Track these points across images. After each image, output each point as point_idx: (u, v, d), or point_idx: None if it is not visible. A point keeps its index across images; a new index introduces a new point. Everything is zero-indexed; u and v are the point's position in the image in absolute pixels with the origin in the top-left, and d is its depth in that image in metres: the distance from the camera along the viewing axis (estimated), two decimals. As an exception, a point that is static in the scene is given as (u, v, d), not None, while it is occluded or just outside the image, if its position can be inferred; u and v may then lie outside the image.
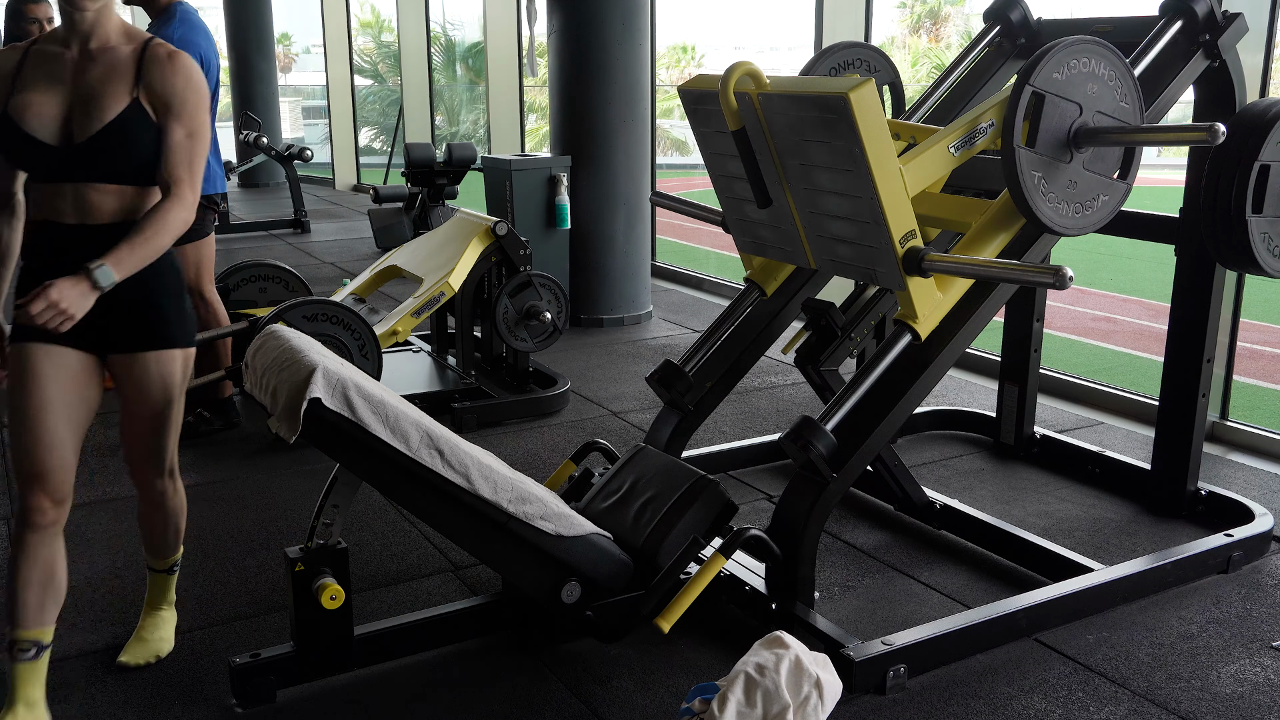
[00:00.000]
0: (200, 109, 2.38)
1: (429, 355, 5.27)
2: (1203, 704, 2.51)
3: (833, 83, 2.59)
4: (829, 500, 2.74)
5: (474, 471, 2.44)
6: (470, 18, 20.48)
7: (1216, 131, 2.55)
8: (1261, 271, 3.12)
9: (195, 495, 3.76)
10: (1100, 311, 8.41)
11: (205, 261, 4.26)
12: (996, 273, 2.65)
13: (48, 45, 2.36)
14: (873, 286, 3.47)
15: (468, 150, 7.47)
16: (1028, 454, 4.06)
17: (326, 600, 2.42)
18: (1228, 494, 3.49)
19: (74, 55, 2.33)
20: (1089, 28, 3.31)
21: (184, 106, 2.34)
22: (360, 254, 8.63)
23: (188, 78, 2.36)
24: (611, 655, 2.71)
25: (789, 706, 2.24)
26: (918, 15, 25.01)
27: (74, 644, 2.79)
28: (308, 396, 2.26)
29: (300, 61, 26.10)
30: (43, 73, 2.31)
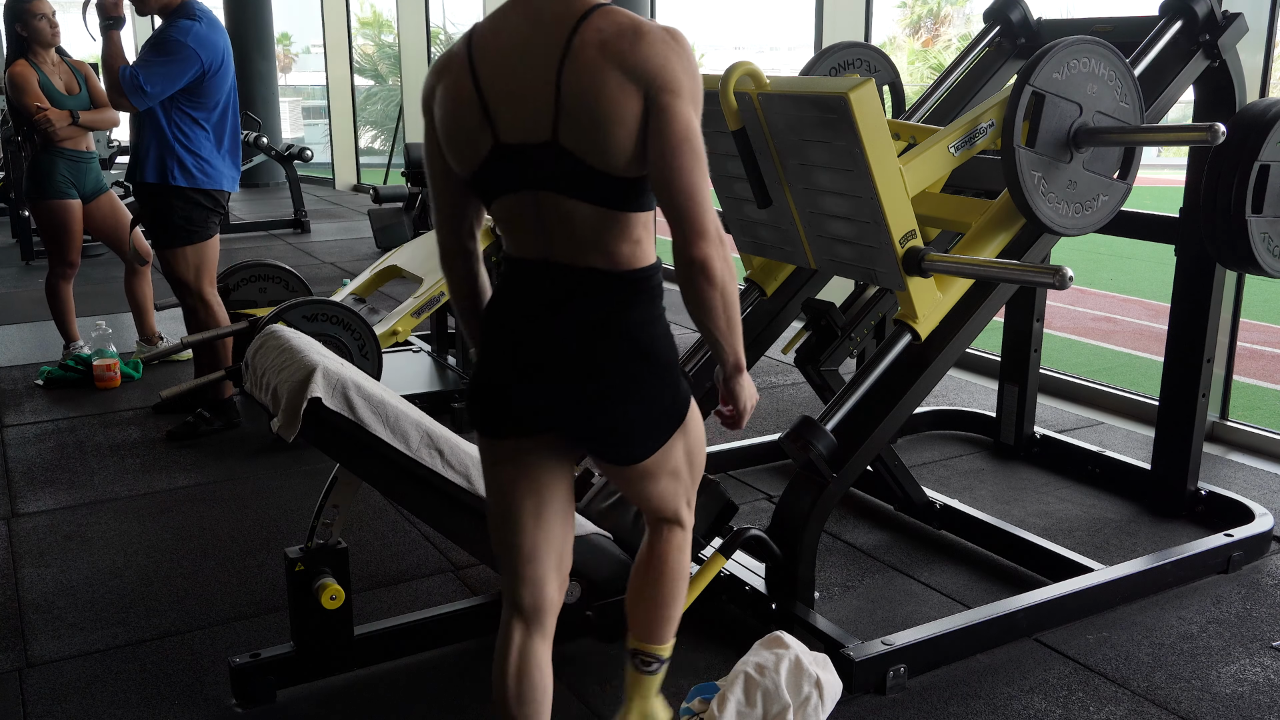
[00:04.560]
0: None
1: (429, 355, 5.27)
2: (1203, 704, 2.51)
3: (833, 83, 2.59)
4: (829, 500, 2.73)
5: (474, 471, 2.44)
6: (470, 18, 20.49)
7: (1216, 131, 2.55)
8: (1261, 271, 3.12)
9: (195, 495, 3.77)
10: (1100, 311, 8.41)
11: (206, 263, 4.26)
12: (996, 273, 2.65)
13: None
14: (873, 286, 3.47)
15: (468, 150, 7.46)
16: (1028, 454, 4.06)
17: (326, 600, 2.42)
18: (1228, 494, 3.49)
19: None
20: (1089, 28, 3.31)
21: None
22: (360, 254, 8.63)
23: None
24: (611, 655, 2.70)
25: (789, 706, 2.24)
26: (918, 15, 25.01)
27: (74, 644, 2.80)
28: (308, 396, 2.26)
29: (300, 61, 26.10)
30: None
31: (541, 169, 1.72)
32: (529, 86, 1.69)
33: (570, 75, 1.65)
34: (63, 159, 4.99)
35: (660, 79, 1.65)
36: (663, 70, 1.65)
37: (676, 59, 1.66)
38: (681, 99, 1.66)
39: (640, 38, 1.65)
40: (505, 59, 1.71)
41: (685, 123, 1.66)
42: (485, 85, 1.72)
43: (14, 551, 3.34)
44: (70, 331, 5.28)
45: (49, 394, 4.96)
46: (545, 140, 1.70)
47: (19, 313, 6.59)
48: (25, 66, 4.89)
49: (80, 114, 4.99)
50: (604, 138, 1.66)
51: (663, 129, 1.66)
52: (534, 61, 1.69)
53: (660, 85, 1.65)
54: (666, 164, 1.67)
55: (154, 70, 3.94)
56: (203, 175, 4.13)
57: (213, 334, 4.29)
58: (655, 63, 1.65)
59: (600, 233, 1.74)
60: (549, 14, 1.70)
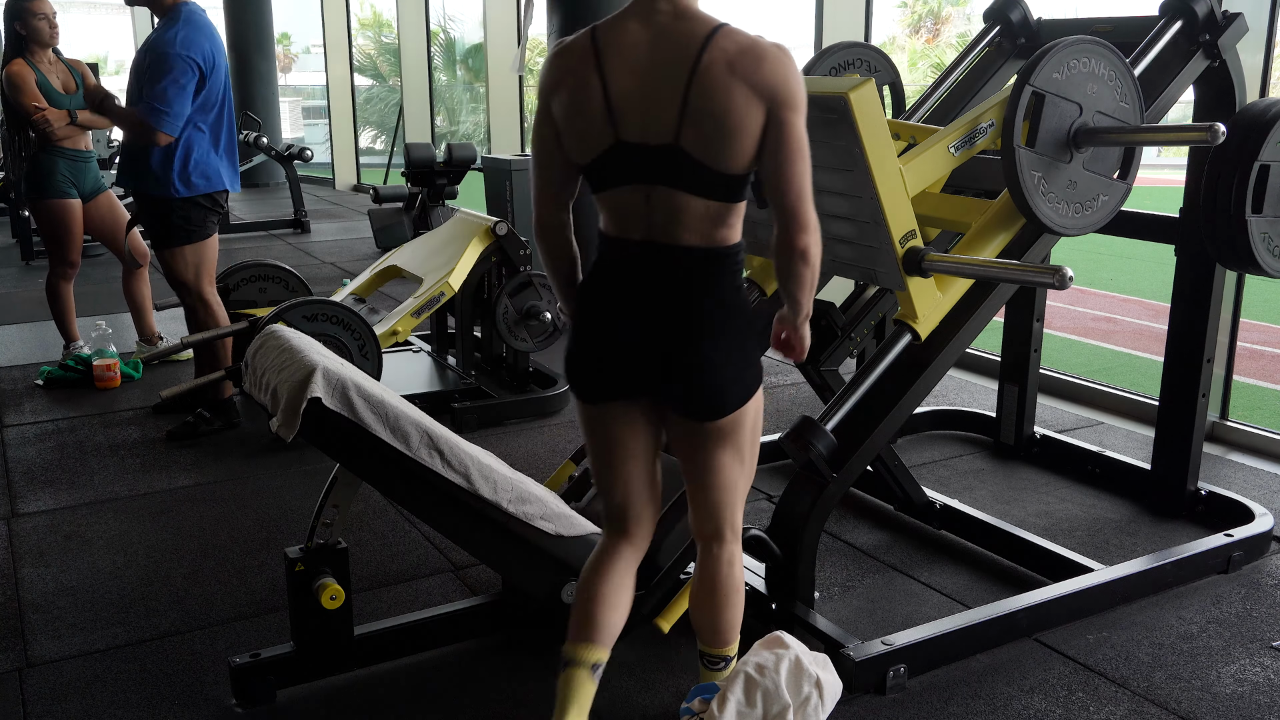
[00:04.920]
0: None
1: (429, 355, 5.27)
2: (1203, 704, 2.51)
3: (833, 83, 2.59)
4: (829, 500, 2.73)
5: (474, 471, 2.44)
6: (470, 18, 20.48)
7: (1216, 131, 2.55)
8: (1261, 271, 3.12)
9: (195, 495, 3.77)
10: (1100, 311, 8.41)
11: (206, 263, 4.26)
12: (996, 273, 2.65)
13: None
14: (873, 286, 3.47)
15: (468, 150, 7.47)
16: (1028, 454, 4.06)
17: (326, 600, 2.42)
18: (1228, 494, 3.49)
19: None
20: (1089, 28, 3.31)
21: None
22: (360, 254, 8.63)
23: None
24: (612, 655, 2.70)
25: (789, 706, 2.24)
26: (918, 15, 25.00)
27: (74, 644, 2.80)
28: (308, 396, 2.26)
29: (300, 61, 26.11)
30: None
31: (659, 167, 1.94)
32: (655, 95, 1.91)
33: (699, 90, 1.88)
34: (62, 158, 5.00)
35: (781, 95, 1.89)
36: (783, 87, 1.89)
37: (793, 76, 1.90)
38: (798, 113, 1.91)
39: (763, 58, 1.88)
40: (632, 68, 1.93)
41: (800, 135, 1.92)
42: (612, 89, 1.93)
43: (14, 551, 3.34)
44: (70, 331, 5.28)
45: (49, 394, 4.96)
46: (667, 143, 1.92)
47: (19, 313, 6.59)
48: (23, 66, 4.89)
49: (78, 113, 4.99)
50: (725, 145, 1.90)
51: (783, 141, 1.91)
52: (662, 74, 1.91)
53: (781, 101, 1.89)
54: (783, 171, 1.93)
55: (166, 93, 3.95)
56: (204, 181, 4.13)
57: (213, 334, 4.29)
58: (777, 81, 1.88)
59: (703, 220, 1.97)
60: (677, 31, 1.91)
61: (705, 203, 1.95)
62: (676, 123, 1.90)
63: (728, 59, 1.88)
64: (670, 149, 1.92)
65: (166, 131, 3.96)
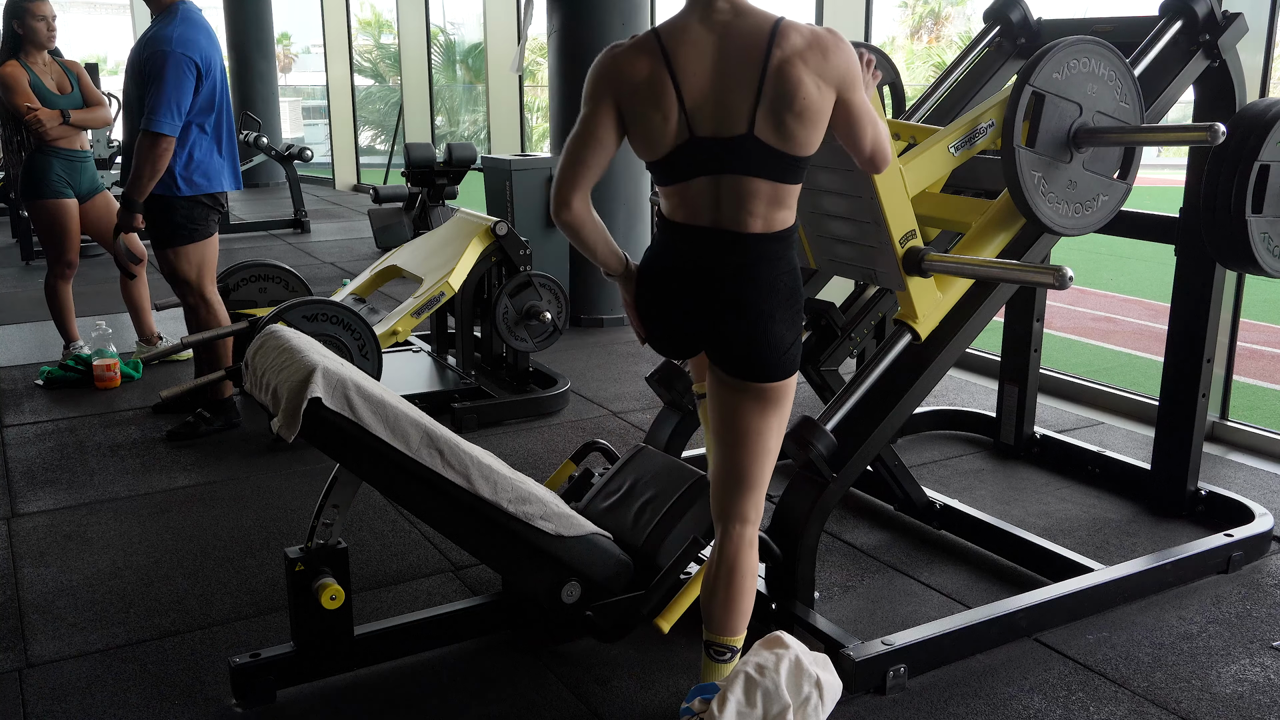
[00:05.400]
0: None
1: (429, 355, 5.27)
2: (1203, 704, 2.51)
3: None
4: (829, 500, 2.73)
5: (474, 471, 2.44)
6: (470, 18, 20.48)
7: (1216, 131, 2.55)
8: (1261, 271, 3.12)
9: (195, 495, 3.77)
10: (1100, 311, 8.41)
11: (207, 262, 4.27)
12: (996, 273, 2.65)
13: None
14: (873, 286, 3.47)
15: (468, 150, 7.47)
16: (1028, 454, 4.06)
17: (326, 600, 2.42)
18: (1228, 494, 3.49)
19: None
20: (1089, 28, 3.31)
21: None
22: (360, 254, 8.63)
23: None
24: (611, 655, 2.71)
25: (789, 706, 2.24)
26: (919, 16, 25.00)
27: (74, 644, 2.80)
28: (308, 396, 2.26)
29: (300, 61, 26.11)
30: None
31: (733, 156, 2.08)
32: (728, 91, 2.05)
33: (773, 84, 2.02)
34: (58, 158, 5.00)
35: (849, 80, 2.08)
36: (849, 73, 2.08)
37: (854, 60, 2.09)
38: (860, 91, 2.11)
39: (829, 50, 2.05)
40: (703, 68, 2.06)
41: (866, 108, 2.14)
42: (685, 89, 2.06)
43: (14, 551, 3.34)
44: (70, 331, 5.28)
45: (49, 394, 4.96)
46: (741, 134, 2.06)
47: (19, 313, 6.59)
48: (16, 66, 4.89)
49: (71, 113, 4.99)
50: (800, 131, 2.06)
51: (854, 118, 2.13)
52: (734, 70, 2.04)
53: (849, 84, 2.08)
54: (859, 138, 2.17)
55: (166, 98, 3.94)
56: (205, 180, 4.14)
57: (213, 334, 4.29)
58: (844, 69, 2.07)
59: (766, 203, 2.12)
60: (741, 29, 2.05)
61: (772, 185, 2.10)
62: (750, 115, 2.04)
63: (798, 53, 2.02)
64: (745, 138, 2.06)
65: (168, 132, 3.96)
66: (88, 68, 7.63)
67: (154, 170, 4.00)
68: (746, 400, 2.25)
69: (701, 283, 2.18)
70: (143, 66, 3.99)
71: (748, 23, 2.05)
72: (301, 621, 2.50)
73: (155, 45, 3.97)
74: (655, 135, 2.10)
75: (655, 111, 2.07)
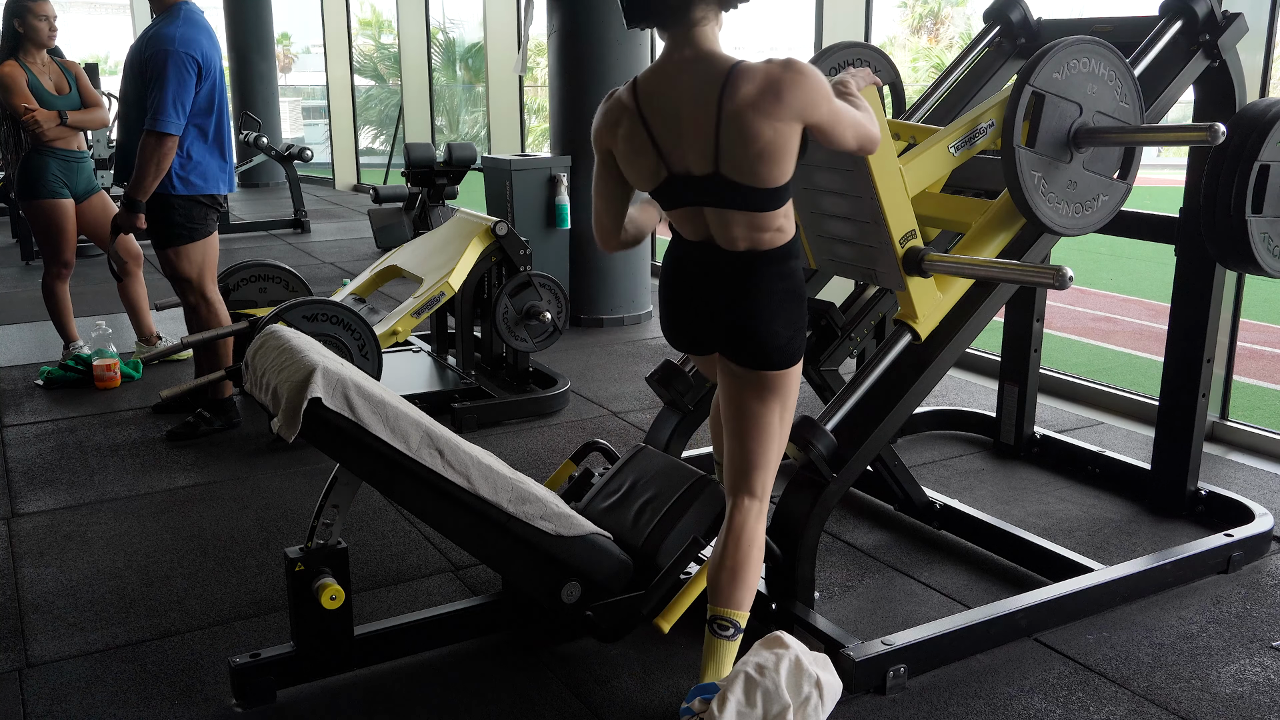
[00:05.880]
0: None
1: (429, 355, 5.27)
2: (1203, 704, 2.51)
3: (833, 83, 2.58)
4: (829, 500, 2.73)
5: (474, 471, 2.44)
6: (470, 18, 20.48)
7: (1216, 131, 2.55)
8: (1261, 271, 3.12)
9: (195, 495, 3.77)
10: (1100, 311, 8.42)
11: (208, 261, 4.27)
12: (996, 273, 2.65)
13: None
14: (873, 286, 3.47)
15: (468, 150, 7.47)
16: (1028, 454, 4.06)
17: (326, 600, 2.42)
18: (1228, 494, 3.49)
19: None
20: (1089, 28, 3.31)
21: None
22: (360, 254, 8.63)
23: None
24: (611, 655, 2.71)
25: (789, 706, 2.24)
26: (919, 16, 25.00)
27: (74, 644, 2.80)
28: (308, 396, 2.26)
29: (300, 61, 26.10)
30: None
31: (705, 192, 2.24)
32: (689, 137, 2.20)
33: (727, 132, 2.15)
34: (54, 159, 5.00)
35: (809, 110, 2.15)
36: (806, 105, 2.14)
37: (810, 89, 2.14)
38: (825, 107, 2.17)
39: (781, 92, 2.12)
40: (666, 114, 2.22)
41: (837, 118, 2.20)
42: (656, 134, 2.24)
43: (14, 551, 3.34)
44: (69, 332, 5.28)
45: (49, 394, 4.96)
46: (709, 172, 2.21)
47: (19, 313, 6.59)
48: (14, 67, 4.90)
49: (69, 114, 4.99)
50: (761, 169, 2.17)
51: (827, 131, 2.21)
52: (693, 115, 2.18)
53: (809, 113, 2.15)
54: (839, 144, 2.25)
55: (169, 97, 3.94)
56: (202, 180, 4.14)
57: (213, 334, 4.29)
58: (799, 104, 2.14)
59: (749, 228, 2.26)
60: (698, 75, 2.17)
61: (747, 214, 2.23)
62: (714, 157, 2.19)
63: (749, 103, 2.12)
64: (712, 176, 2.21)
65: (172, 132, 3.96)
66: (87, 68, 7.64)
67: (158, 170, 4.00)
68: (750, 388, 2.39)
69: (704, 285, 2.35)
70: (144, 66, 3.99)
71: (707, 69, 2.17)
72: (301, 621, 2.50)
73: (157, 44, 3.97)
74: (642, 175, 2.32)
75: (638, 157, 2.28)
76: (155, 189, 4.06)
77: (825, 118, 2.18)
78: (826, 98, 2.17)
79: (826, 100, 2.17)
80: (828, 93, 2.17)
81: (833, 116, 2.19)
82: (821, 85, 2.16)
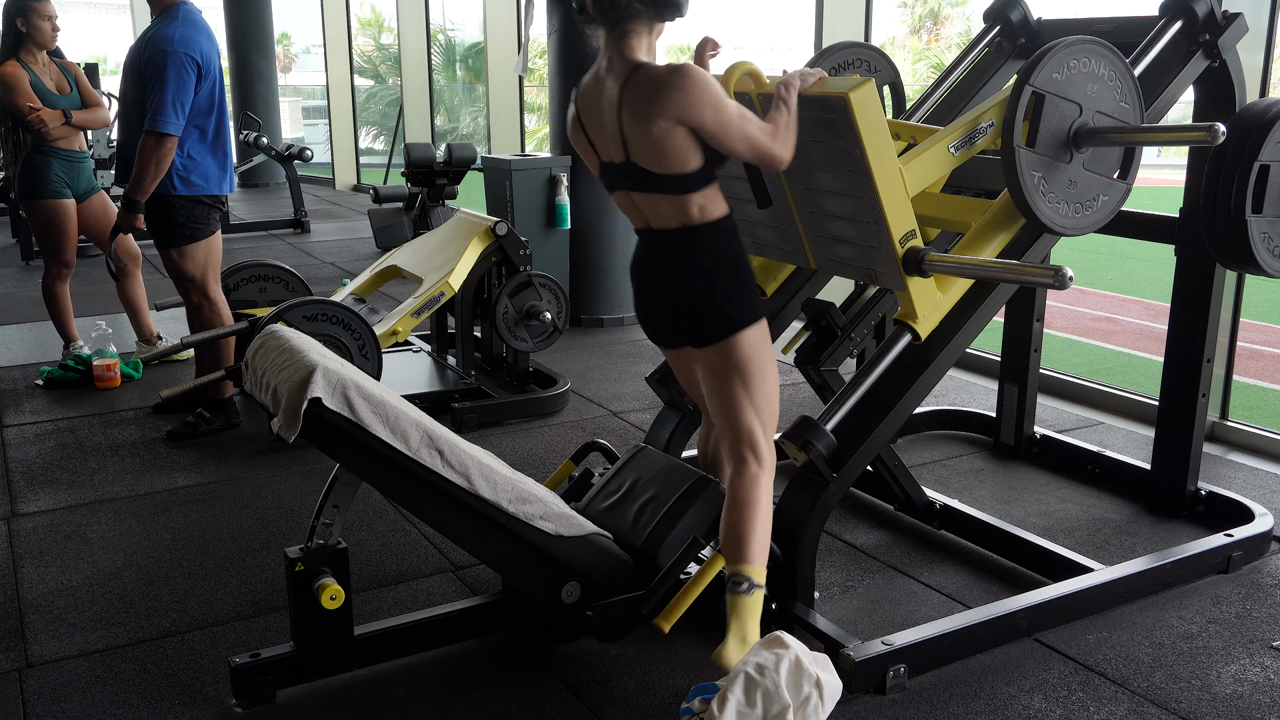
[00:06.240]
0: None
1: (429, 355, 5.27)
2: (1203, 704, 2.51)
3: (833, 83, 2.58)
4: (829, 500, 2.73)
5: (474, 471, 2.44)
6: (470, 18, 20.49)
7: (1216, 131, 2.55)
8: (1261, 271, 3.12)
9: (195, 495, 3.77)
10: (1100, 311, 8.42)
11: (212, 260, 4.28)
12: (996, 273, 2.65)
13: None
14: (873, 286, 3.47)
15: (468, 150, 7.47)
16: (1028, 454, 4.06)
17: (326, 600, 2.42)
18: (1228, 494, 3.49)
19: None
20: (1089, 28, 3.31)
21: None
22: (360, 254, 8.63)
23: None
24: (611, 655, 2.71)
25: (789, 706, 2.24)
26: (919, 16, 25.00)
27: (74, 644, 2.80)
28: (308, 396, 2.26)
29: (300, 61, 26.10)
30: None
31: (626, 177, 2.48)
32: (604, 130, 2.46)
33: (626, 126, 2.39)
34: (57, 158, 5.00)
35: (686, 113, 2.32)
36: (686, 108, 2.32)
37: (686, 92, 2.31)
38: (704, 115, 2.33)
39: (657, 93, 2.32)
40: (594, 110, 2.48)
41: (718, 129, 2.35)
42: (588, 127, 2.52)
43: (14, 551, 3.34)
44: (69, 332, 5.28)
45: (49, 394, 4.96)
46: (624, 160, 2.45)
47: (19, 313, 6.59)
48: (16, 67, 4.90)
49: (73, 113, 5.00)
50: (658, 159, 2.39)
51: (713, 137, 2.36)
52: (603, 113, 2.45)
53: (688, 116, 2.33)
54: (730, 151, 2.41)
55: (169, 97, 3.94)
56: (203, 181, 4.14)
57: (213, 334, 4.29)
58: (678, 106, 2.32)
59: (672, 208, 2.46)
60: (611, 76, 2.42)
61: (666, 197, 2.44)
62: (623, 148, 2.43)
63: (639, 99, 2.35)
64: (626, 164, 2.45)
65: (172, 132, 3.97)
66: (88, 68, 7.65)
67: (158, 170, 4.00)
68: (714, 365, 2.53)
69: (650, 268, 2.58)
70: (143, 67, 3.99)
71: (617, 69, 2.41)
72: (301, 621, 2.50)
73: (156, 45, 3.97)
74: (590, 162, 2.58)
75: (582, 147, 2.57)
76: (156, 190, 4.06)
77: (709, 124, 2.32)
78: (711, 105, 2.31)
79: (712, 108, 2.31)
80: (714, 100, 2.31)
81: (719, 124, 2.33)
82: (704, 94, 2.30)
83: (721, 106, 2.33)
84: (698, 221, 2.45)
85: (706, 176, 2.42)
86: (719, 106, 2.33)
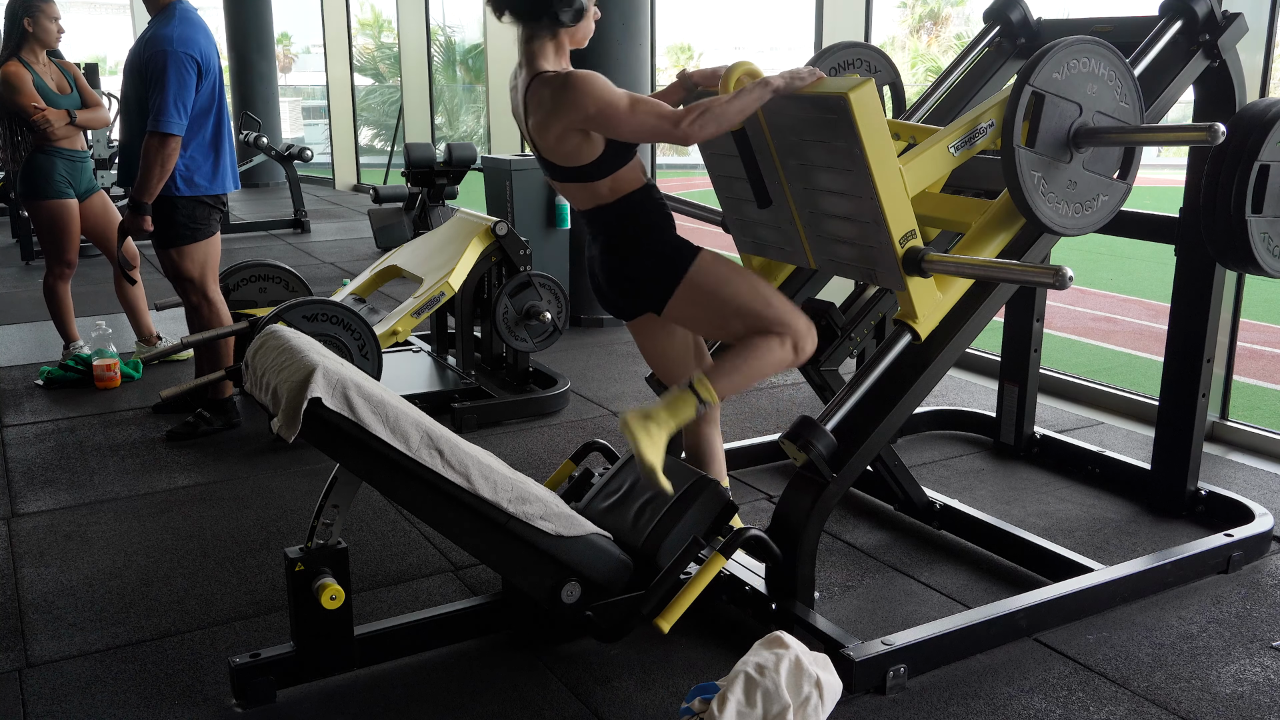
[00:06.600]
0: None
1: (429, 355, 5.27)
2: (1203, 704, 2.51)
3: (833, 83, 2.58)
4: (829, 500, 2.73)
5: (474, 471, 2.44)
6: (470, 18, 20.48)
7: (1216, 131, 2.55)
8: (1261, 271, 3.12)
9: (195, 495, 3.77)
10: (1100, 311, 8.41)
11: (211, 261, 4.28)
12: (996, 273, 2.65)
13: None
14: (873, 286, 3.47)
15: (468, 150, 7.47)
16: (1028, 454, 4.06)
17: (326, 600, 2.42)
18: (1228, 494, 3.49)
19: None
20: (1089, 28, 3.30)
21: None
22: (360, 254, 8.63)
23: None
24: (611, 655, 2.71)
25: (789, 706, 2.24)
26: (919, 16, 25.00)
27: (74, 644, 2.80)
28: (308, 396, 2.26)
29: (300, 61, 26.11)
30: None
31: (544, 165, 2.73)
32: (521, 127, 2.70)
33: (531, 126, 2.64)
34: (60, 159, 5.00)
35: (575, 119, 2.53)
36: (572, 109, 2.51)
37: (574, 104, 2.51)
38: (590, 116, 2.51)
39: (549, 99, 2.54)
40: (514, 106, 2.71)
41: (604, 121, 2.51)
42: (516, 118, 2.72)
43: (14, 551, 3.34)
44: (70, 332, 5.28)
45: (49, 394, 4.96)
46: (538, 153, 2.70)
47: (19, 313, 6.59)
48: (19, 67, 4.91)
49: (76, 113, 5.00)
50: (562, 154, 2.61)
51: (601, 131, 2.55)
52: (518, 111, 2.69)
53: (580, 122, 2.53)
54: (621, 138, 2.57)
55: (171, 97, 3.94)
56: (206, 182, 4.14)
57: (213, 334, 4.29)
58: (564, 108, 2.52)
59: (590, 192, 2.68)
60: (520, 78, 2.66)
61: (579, 184, 2.67)
62: (534, 143, 2.67)
63: (537, 108, 2.57)
64: (539, 155, 2.69)
65: (175, 132, 3.97)
66: (88, 68, 7.65)
67: (163, 171, 4.00)
68: (687, 311, 2.72)
69: (590, 248, 2.80)
70: (144, 68, 3.99)
71: (524, 73, 2.63)
72: (301, 621, 2.50)
73: (156, 45, 3.97)
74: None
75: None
76: (161, 192, 4.06)
77: (596, 123, 2.50)
78: (596, 104, 2.47)
79: (596, 107, 2.47)
80: (598, 99, 2.47)
81: (606, 120, 2.49)
82: (587, 96, 2.47)
83: (608, 103, 2.47)
84: (609, 200, 2.66)
85: (613, 161, 2.60)
86: (605, 104, 2.47)
